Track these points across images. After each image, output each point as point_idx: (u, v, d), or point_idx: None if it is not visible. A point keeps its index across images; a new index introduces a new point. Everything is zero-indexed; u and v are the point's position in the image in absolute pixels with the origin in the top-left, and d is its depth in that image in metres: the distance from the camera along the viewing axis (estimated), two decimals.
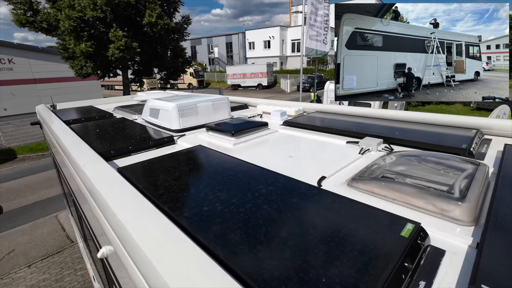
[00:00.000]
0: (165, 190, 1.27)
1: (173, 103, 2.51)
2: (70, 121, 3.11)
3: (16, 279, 5.32)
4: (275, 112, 2.89)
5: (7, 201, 8.62)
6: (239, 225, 0.96)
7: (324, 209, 1.06)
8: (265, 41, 39.93)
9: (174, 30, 15.77)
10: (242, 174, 1.43)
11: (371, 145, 1.76)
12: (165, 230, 0.86)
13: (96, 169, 1.42)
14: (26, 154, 13.22)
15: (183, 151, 1.83)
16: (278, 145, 2.05)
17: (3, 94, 18.78)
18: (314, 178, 1.39)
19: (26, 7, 13.26)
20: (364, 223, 0.93)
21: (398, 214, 0.95)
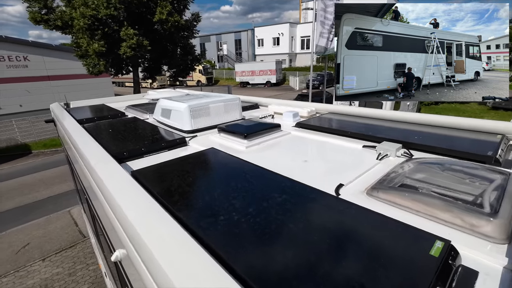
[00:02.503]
0: (178, 196, 1.27)
1: (185, 104, 2.50)
2: (83, 120, 3.14)
3: (31, 272, 5.48)
4: (287, 113, 2.84)
5: (22, 195, 8.88)
6: (253, 235, 0.93)
7: (343, 221, 1.02)
8: (274, 38, 39.62)
9: (184, 28, 15.80)
10: (256, 180, 1.40)
11: (389, 150, 1.70)
12: (178, 238, 0.86)
13: (110, 172, 1.41)
14: (40, 149, 13.59)
15: (195, 154, 1.81)
16: (292, 149, 2.01)
17: (18, 90, 19.33)
18: (331, 185, 1.35)
19: (41, 5, 13.52)
20: (389, 239, 0.88)
21: (424, 229, 0.90)
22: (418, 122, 2.28)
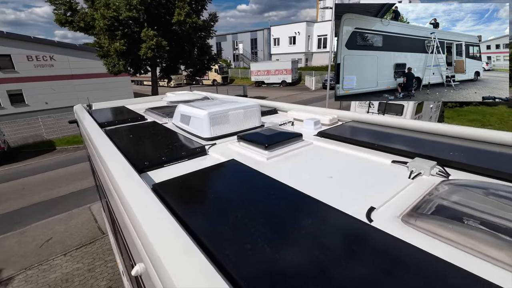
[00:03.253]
0: (197, 214, 1.24)
1: (204, 111, 2.46)
2: (104, 124, 3.20)
3: (54, 266, 5.71)
4: (308, 120, 2.75)
5: (47, 190, 9.30)
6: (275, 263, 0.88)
7: (377, 255, 0.92)
8: (291, 37, 39.24)
9: (201, 28, 15.96)
10: (279, 199, 1.33)
11: (422, 168, 1.57)
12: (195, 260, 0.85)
13: (131, 186, 1.39)
14: (63, 146, 14.17)
15: (215, 166, 1.77)
16: (315, 162, 1.92)
17: (44, 89, 20.30)
18: (360, 207, 1.26)
19: (66, 8, 14.08)
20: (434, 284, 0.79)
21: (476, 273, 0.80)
22: (454, 135, 2.11)
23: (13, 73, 18.96)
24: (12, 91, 19.18)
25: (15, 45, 18.64)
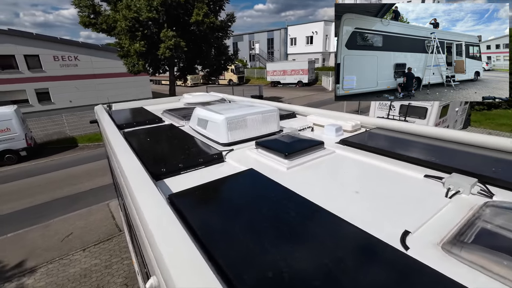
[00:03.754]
0: (213, 229, 1.19)
1: (222, 116, 2.40)
2: (123, 125, 3.23)
3: (73, 260, 5.89)
4: (329, 126, 2.62)
5: (70, 185, 9.67)
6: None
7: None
8: (308, 36, 38.73)
9: (218, 28, 16.04)
10: (300, 216, 1.23)
11: (461, 185, 1.42)
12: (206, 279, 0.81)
13: (146, 195, 1.35)
14: (85, 143, 14.72)
15: (233, 176, 1.70)
16: (338, 173, 1.80)
17: (69, 87, 21.21)
18: (393, 230, 1.14)
19: (90, 10, 14.60)
20: None
21: None
22: (496, 148, 1.91)
23: (41, 72, 19.95)
24: (39, 90, 20.19)
25: (43, 45, 19.60)
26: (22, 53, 18.98)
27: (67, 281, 5.33)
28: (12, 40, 18.53)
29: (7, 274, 5.59)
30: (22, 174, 10.98)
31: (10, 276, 5.54)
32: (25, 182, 10.18)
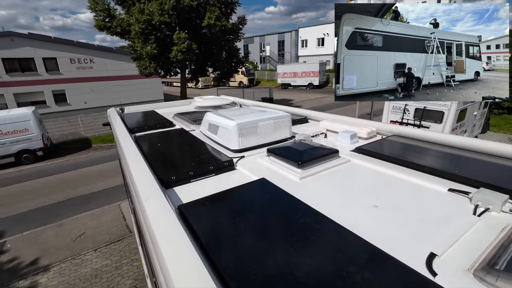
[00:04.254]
0: (221, 243, 1.14)
1: (233, 122, 2.36)
2: (134, 129, 3.24)
3: (85, 260, 5.98)
4: (344, 133, 2.53)
5: (83, 185, 9.88)
6: None
7: None
8: (319, 38, 38.40)
9: (229, 31, 16.11)
10: (315, 232, 1.17)
11: (491, 202, 1.31)
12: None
13: (155, 207, 1.31)
14: (98, 144, 15.04)
15: (244, 186, 1.64)
16: (354, 184, 1.72)
17: (84, 89, 21.81)
18: (417, 253, 1.05)
19: (105, 14, 14.98)
20: None
21: None
22: None
23: (58, 74, 20.60)
24: (56, 91, 20.84)
25: (60, 48, 20.25)
26: (40, 56, 19.67)
27: (78, 281, 5.40)
28: (31, 43, 19.25)
29: (22, 272, 5.73)
30: (37, 174, 11.31)
31: (24, 273, 5.68)
32: (40, 182, 10.47)
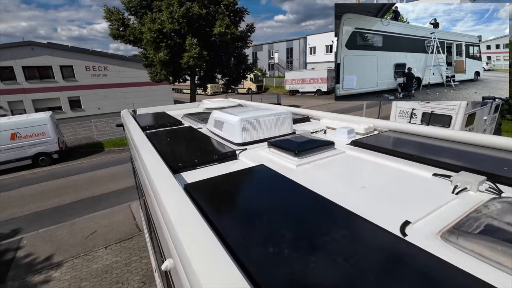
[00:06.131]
0: (225, 214, 1.28)
1: (237, 117, 2.54)
2: (146, 127, 3.46)
3: (96, 257, 6.21)
4: (342, 129, 2.67)
5: (95, 187, 10.22)
6: (298, 271, 0.86)
7: (410, 274, 0.86)
8: (327, 45, 38.63)
9: (238, 39, 16.54)
10: (307, 206, 1.31)
11: (469, 183, 1.43)
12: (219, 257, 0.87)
13: (165, 185, 1.48)
14: (110, 147, 15.52)
15: (245, 170, 1.80)
16: (347, 171, 1.85)
17: (98, 95, 22.64)
18: (394, 221, 1.18)
19: (119, 23, 15.68)
20: None
21: None
22: (508, 149, 1.89)
23: (74, 81, 21.52)
24: (72, 98, 21.74)
25: (76, 57, 21.21)
26: (58, 64, 20.65)
27: (89, 276, 5.62)
28: (50, 52, 20.25)
29: (37, 267, 6.00)
30: (52, 176, 11.77)
31: (39, 268, 5.94)
32: (54, 183, 10.90)
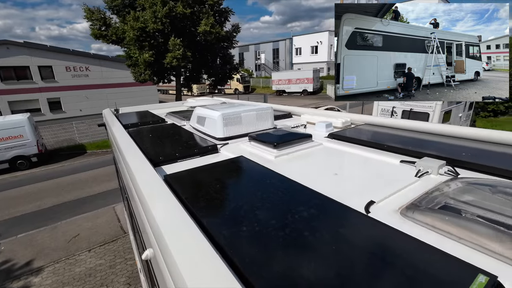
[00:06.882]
0: (203, 202, 1.31)
1: (218, 112, 2.59)
2: (128, 125, 3.44)
3: (79, 260, 6.05)
4: (320, 123, 2.77)
5: (78, 189, 9.93)
6: (273, 248, 0.92)
7: (371, 243, 0.95)
8: (313, 46, 39.33)
9: (224, 38, 16.54)
10: (282, 191, 1.38)
11: (430, 167, 1.55)
12: (198, 243, 0.88)
13: (144, 175, 1.51)
14: (93, 150, 15.12)
15: (224, 161, 1.86)
16: (322, 160, 1.95)
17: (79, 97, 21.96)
18: (361, 202, 1.27)
19: (101, 23, 15.31)
20: (422, 268, 0.80)
21: (467, 260, 0.80)
22: (467, 137, 2.05)
23: (53, 82, 20.78)
24: (51, 99, 20.97)
25: (56, 57, 20.49)
26: (36, 64, 19.87)
27: (72, 279, 5.47)
28: (27, 52, 19.46)
29: (16, 273, 5.78)
30: (32, 179, 11.34)
31: (18, 274, 5.72)
32: (35, 187, 10.51)
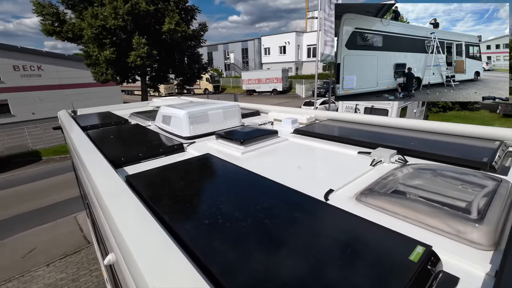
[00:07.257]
0: (167, 201, 1.29)
1: (184, 111, 2.54)
2: (87, 127, 3.23)
3: (36, 277, 5.54)
4: (286, 120, 2.86)
5: (33, 200, 9.07)
6: (238, 242, 0.94)
7: (328, 227, 1.02)
8: (281, 46, 40.05)
9: (191, 37, 16.17)
10: (246, 185, 1.41)
11: (383, 156, 1.69)
12: (162, 245, 0.86)
13: (104, 177, 1.44)
14: (50, 156, 13.91)
15: (190, 160, 1.84)
16: (287, 155, 2.01)
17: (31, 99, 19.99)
18: (321, 191, 1.35)
19: (53, 19, 14.08)
20: (370, 243, 0.88)
21: (408, 235, 0.89)
22: (416, 129, 2.27)
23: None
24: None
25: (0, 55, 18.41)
26: None
27: None
28: None
29: None
30: None
31: None
32: None
